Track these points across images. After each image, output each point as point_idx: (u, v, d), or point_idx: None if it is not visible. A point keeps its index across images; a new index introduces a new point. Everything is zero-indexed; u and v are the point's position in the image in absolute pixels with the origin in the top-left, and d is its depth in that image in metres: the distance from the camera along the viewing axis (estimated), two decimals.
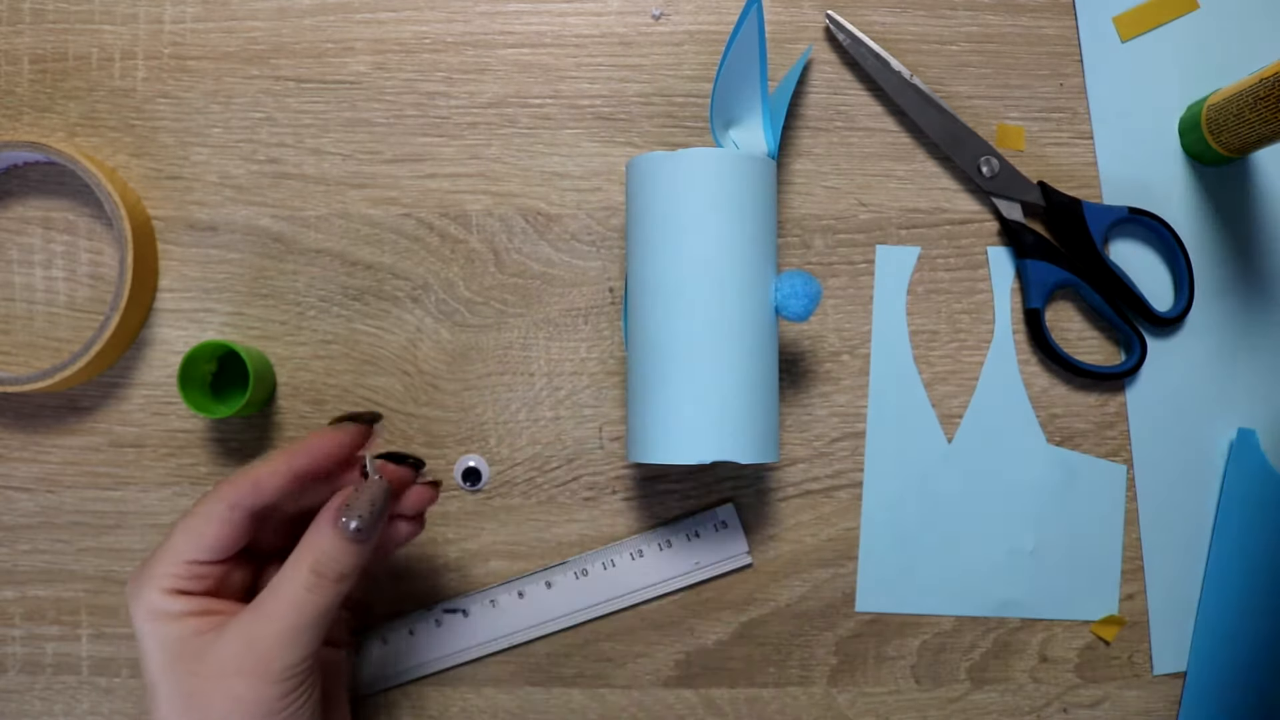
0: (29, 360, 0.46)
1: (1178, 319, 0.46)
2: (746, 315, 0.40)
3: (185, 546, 0.36)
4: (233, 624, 0.35)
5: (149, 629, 0.35)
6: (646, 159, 0.40)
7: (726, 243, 0.39)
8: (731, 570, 0.46)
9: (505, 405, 0.46)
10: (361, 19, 0.47)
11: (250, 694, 0.35)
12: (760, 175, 0.40)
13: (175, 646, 0.35)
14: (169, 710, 0.35)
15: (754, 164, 0.40)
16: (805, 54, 0.45)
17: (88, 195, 0.46)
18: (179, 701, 0.35)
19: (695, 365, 0.39)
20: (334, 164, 0.46)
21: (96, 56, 0.47)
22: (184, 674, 0.35)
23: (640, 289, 0.41)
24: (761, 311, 0.40)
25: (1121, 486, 0.46)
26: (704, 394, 0.39)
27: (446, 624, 0.45)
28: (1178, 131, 0.47)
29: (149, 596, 0.36)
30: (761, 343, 0.40)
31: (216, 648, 0.35)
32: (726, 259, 0.39)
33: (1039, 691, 0.46)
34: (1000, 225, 0.47)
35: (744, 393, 0.39)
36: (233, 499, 0.36)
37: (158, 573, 0.36)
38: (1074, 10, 0.48)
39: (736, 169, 0.40)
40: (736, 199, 0.40)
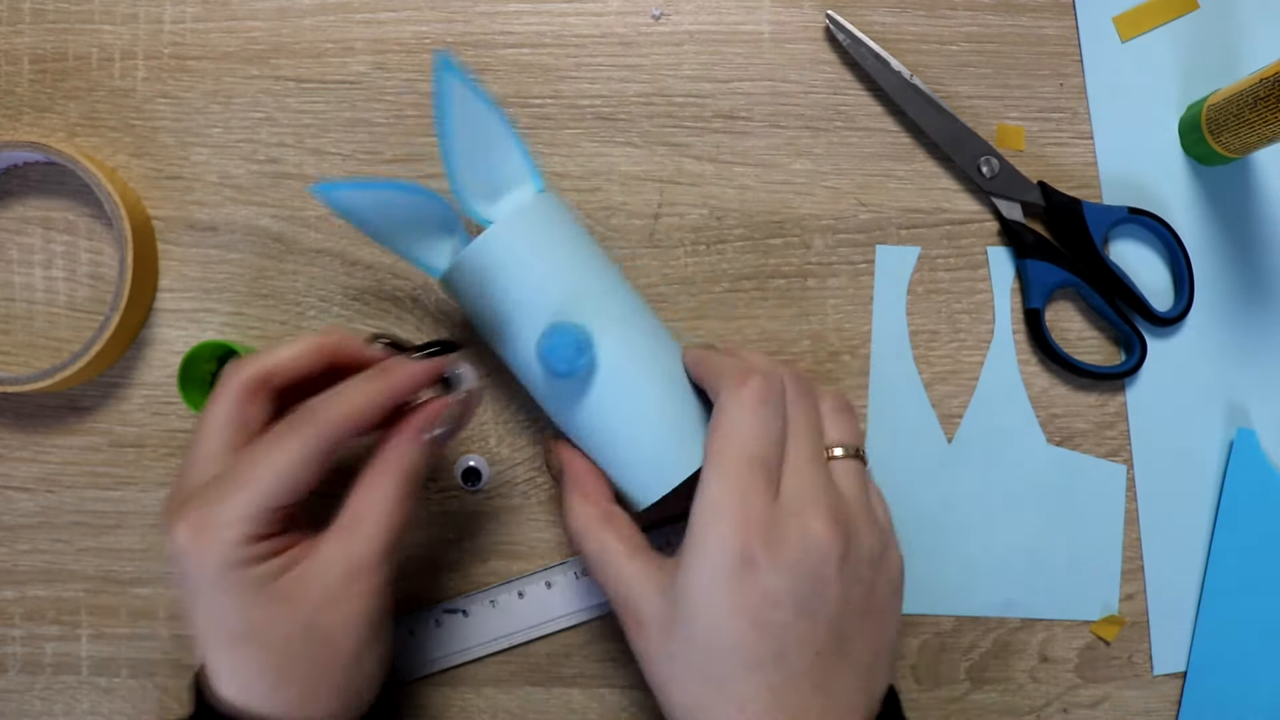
0: (29, 360, 0.46)
1: (1178, 319, 0.46)
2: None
3: (270, 491, 0.34)
4: (325, 551, 0.35)
5: (230, 579, 0.33)
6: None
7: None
8: None
9: (505, 405, 0.46)
10: (361, 19, 0.47)
11: (363, 612, 0.35)
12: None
13: (267, 590, 0.34)
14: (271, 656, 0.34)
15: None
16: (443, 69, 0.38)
17: (88, 195, 0.46)
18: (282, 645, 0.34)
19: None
20: (334, 164, 0.46)
21: (96, 56, 0.47)
22: (281, 615, 0.34)
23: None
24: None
25: (1121, 486, 0.46)
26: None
27: (446, 624, 0.45)
28: (1178, 131, 0.47)
29: (224, 551, 0.33)
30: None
31: (314, 578, 0.34)
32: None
33: (1039, 691, 0.46)
34: (1000, 225, 0.47)
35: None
36: (333, 438, 0.34)
37: (232, 520, 0.33)
38: (1074, 10, 0.48)
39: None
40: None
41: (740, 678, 0.33)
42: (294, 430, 0.34)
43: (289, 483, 0.34)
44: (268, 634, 0.34)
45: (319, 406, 0.35)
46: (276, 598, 0.34)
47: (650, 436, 0.38)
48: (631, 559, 0.37)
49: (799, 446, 0.36)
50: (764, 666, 0.33)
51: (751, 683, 0.33)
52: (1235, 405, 0.47)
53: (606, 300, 0.39)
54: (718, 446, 0.35)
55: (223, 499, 0.34)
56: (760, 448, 0.34)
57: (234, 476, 0.34)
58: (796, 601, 0.33)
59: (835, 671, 0.34)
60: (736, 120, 0.47)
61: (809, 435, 0.36)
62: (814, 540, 0.34)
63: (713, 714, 0.34)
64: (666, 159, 0.47)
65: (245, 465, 0.34)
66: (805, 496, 0.35)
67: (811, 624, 0.34)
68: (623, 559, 0.37)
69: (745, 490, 0.34)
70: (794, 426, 0.36)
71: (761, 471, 0.34)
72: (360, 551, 0.35)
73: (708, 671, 0.34)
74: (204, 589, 0.34)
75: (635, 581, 0.36)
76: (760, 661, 0.33)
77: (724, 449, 0.34)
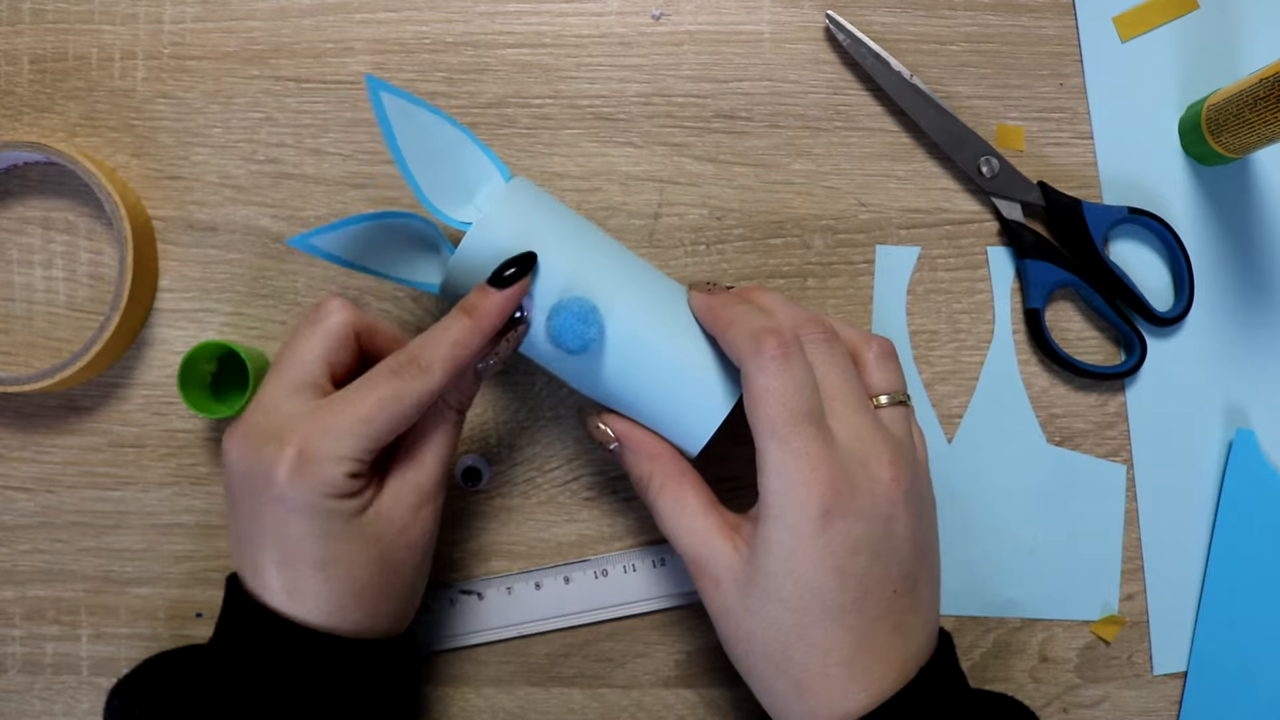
0: (29, 360, 0.46)
1: (1178, 319, 0.46)
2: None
3: (380, 432, 0.36)
4: (396, 485, 0.37)
5: (328, 509, 0.35)
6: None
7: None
8: None
9: (505, 405, 0.46)
10: (361, 19, 0.47)
11: (426, 535, 0.38)
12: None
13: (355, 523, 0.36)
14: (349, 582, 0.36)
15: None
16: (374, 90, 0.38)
17: (88, 195, 0.46)
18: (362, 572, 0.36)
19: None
20: (334, 164, 0.46)
21: (96, 56, 0.47)
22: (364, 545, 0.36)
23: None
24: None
25: (1121, 486, 0.46)
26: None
27: (461, 604, 0.45)
28: (1178, 131, 0.47)
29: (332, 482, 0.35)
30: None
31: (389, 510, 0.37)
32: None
33: (1039, 691, 0.46)
34: (1000, 225, 0.47)
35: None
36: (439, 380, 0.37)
37: (344, 455, 0.35)
38: (1074, 10, 0.48)
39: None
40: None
41: (824, 626, 0.34)
42: (402, 372, 0.36)
43: (396, 423, 0.36)
44: (350, 561, 0.36)
45: (421, 350, 0.37)
46: (362, 529, 0.36)
47: (682, 387, 0.39)
48: (707, 516, 0.37)
49: (838, 397, 0.36)
50: (847, 612, 0.34)
51: (835, 629, 0.34)
52: (1235, 405, 0.47)
53: (604, 266, 0.39)
54: (764, 414, 0.35)
55: (337, 433, 0.35)
56: (801, 401, 0.35)
57: (347, 411, 0.36)
58: (872, 545, 0.34)
59: (908, 611, 0.36)
60: (736, 120, 0.47)
61: (844, 384, 0.36)
62: (881, 485, 0.35)
63: (799, 664, 0.35)
64: (666, 159, 0.47)
65: (356, 405, 0.36)
66: (862, 444, 0.35)
67: (886, 566, 0.35)
68: (699, 516, 0.37)
69: (804, 447, 0.34)
70: (825, 380, 0.36)
71: (811, 424, 0.35)
72: (425, 481, 0.38)
73: (792, 623, 0.35)
74: (297, 514, 0.35)
75: (711, 539, 0.37)
76: (844, 608, 0.34)
77: (771, 415, 0.35)
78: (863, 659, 0.34)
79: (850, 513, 0.34)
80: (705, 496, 0.38)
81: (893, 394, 0.38)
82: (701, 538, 0.37)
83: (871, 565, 0.34)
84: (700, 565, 0.37)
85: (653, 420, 0.40)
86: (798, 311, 0.38)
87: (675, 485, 0.38)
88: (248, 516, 0.36)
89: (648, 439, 0.40)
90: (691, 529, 0.37)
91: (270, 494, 0.35)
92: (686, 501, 0.38)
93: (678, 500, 0.38)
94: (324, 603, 0.36)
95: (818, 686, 0.35)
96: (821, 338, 0.37)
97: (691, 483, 0.38)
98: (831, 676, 0.34)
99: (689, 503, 0.38)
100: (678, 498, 0.38)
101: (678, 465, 0.39)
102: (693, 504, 0.38)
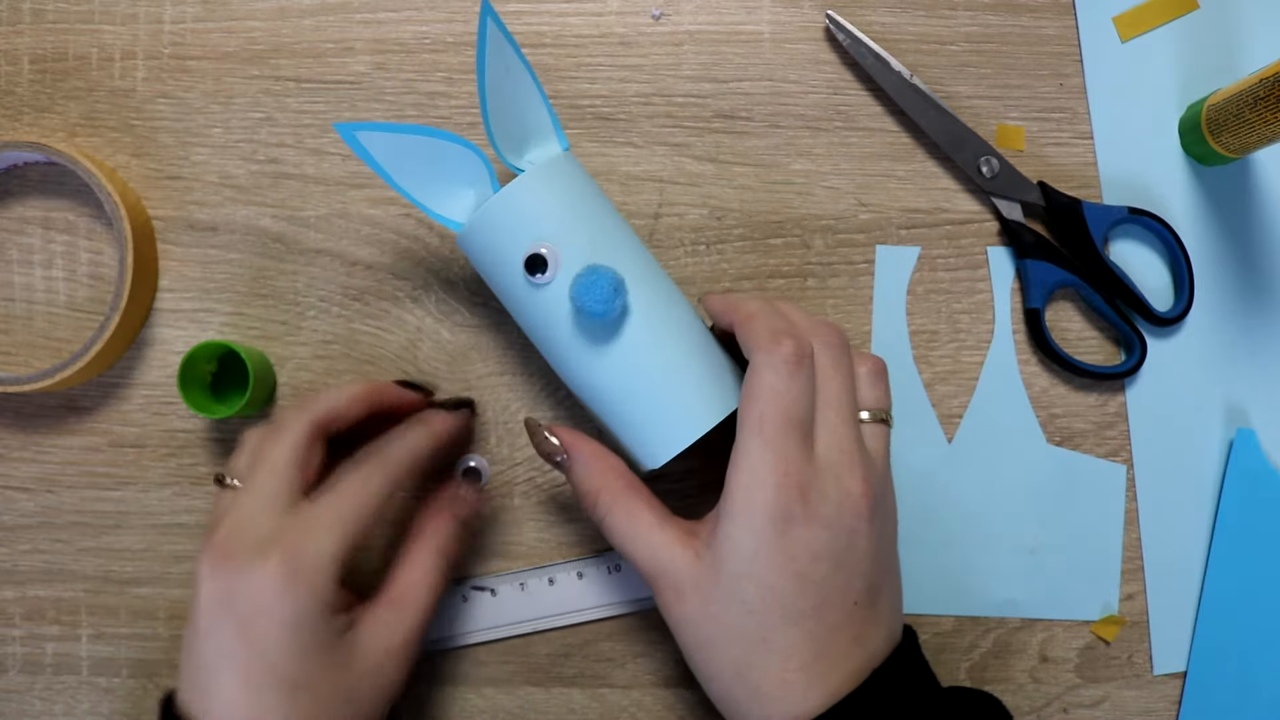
0: (29, 360, 0.46)
1: (1178, 319, 0.46)
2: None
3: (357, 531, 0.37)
4: (380, 619, 0.38)
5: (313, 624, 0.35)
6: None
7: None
8: None
9: (505, 405, 0.46)
10: (361, 19, 0.47)
11: (397, 683, 0.38)
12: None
13: (332, 645, 0.36)
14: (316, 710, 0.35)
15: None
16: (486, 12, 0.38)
17: (88, 195, 0.46)
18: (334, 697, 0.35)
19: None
20: (334, 164, 0.46)
21: (96, 56, 0.47)
22: (336, 672, 0.36)
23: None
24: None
25: (1121, 486, 0.46)
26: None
27: (473, 600, 0.45)
28: (1178, 131, 0.47)
29: (318, 592, 0.35)
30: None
31: (368, 643, 0.37)
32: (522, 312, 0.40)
33: (1039, 691, 0.46)
34: (1000, 225, 0.47)
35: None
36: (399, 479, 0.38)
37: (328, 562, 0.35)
38: (1074, 10, 0.48)
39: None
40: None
41: (784, 632, 0.34)
42: (369, 474, 0.38)
43: (370, 524, 0.37)
44: (323, 687, 0.35)
45: (385, 453, 0.39)
46: (340, 652, 0.36)
47: (675, 386, 0.39)
48: (663, 528, 0.37)
49: (833, 406, 0.36)
50: (806, 619, 0.34)
51: (795, 635, 0.34)
52: (1235, 405, 0.47)
53: (628, 256, 0.39)
54: (757, 411, 0.35)
55: (322, 535, 0.36)
56: (797, 409, 0.35)
57: (326, 514, 0.36)
58: (835, 556, 0.35)
59: (869, 623, 0.36)
60: (736, 120, 0.47)
61: (842, 396, 0.37)
62: (850, 498, 0.35)
63: (758, 669, 0.35)
64: (666, 159, 0.47)
65: (334, 506, 0.37)
66: (842, 456, 0.36)
67: (848, 577, 0.35)
68: (654, 529, 0.37)
69: (784, 451, 0.34)
70: (826, 386, 0.37)
71: (798, 432, 0.35)
72: (409, 624, 0.38)
73: (752, 629, 0.35)
74: (279, 626, 0.34)
75: (669, 548, 0.36)
76: (803, 614, 0.34)
77: (763, 413, 0.35)
78: (821, 666, 0.34)
79: (815, 520, 0.34)
80: (658, 510, 0.38)
81: (877, 411, 0.38)
82: (659, 550, 0.36)
83: (833, 575, 0.35)
84: (660, 577, 0.36)
85: (629, 423, 0.39)
86: (815, 319, 0.39)
87: (626, 500, 0.38)
88: (218, 637, 0.35)
89: (597, 452, 0.39)
90: (648, 543, 0.37)
91: (254, 605, 0.34)
92: (639, 515, 0.37)
93: (630, 515, 0.37)
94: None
95: (776, 692, 0.34)
96: (835, 344, 0.37)
97: (643, 497, 0.38)
98: (790, 682, 0.34)
99: (642, 516, 0.37)
100: (630, 512, 0.37)
101: (627, 479, 0.38)
102: (646, 518, 0.37)
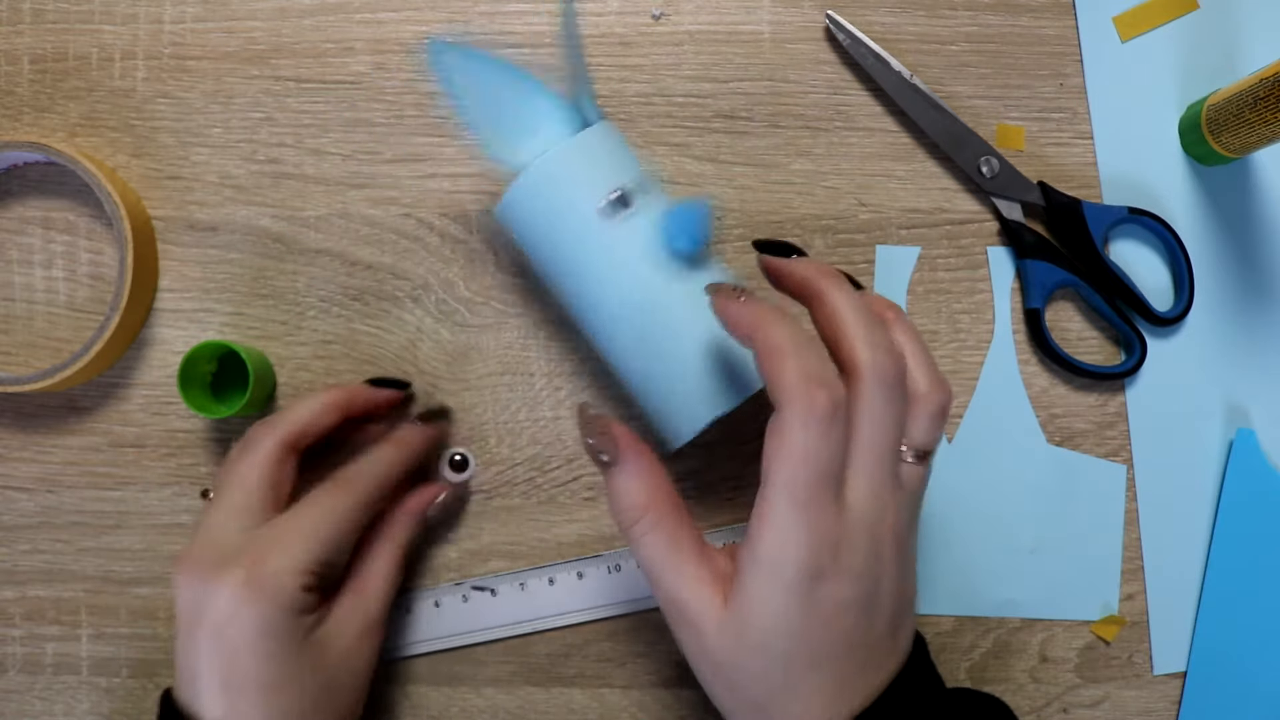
0: (29, 360, 0.46)
1: (1178, 319, 0.46)
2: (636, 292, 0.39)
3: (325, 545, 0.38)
4: (344, 610, 0.40)
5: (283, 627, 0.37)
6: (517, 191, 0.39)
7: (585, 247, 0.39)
8: None
9: (505, 405, 0.46)
10: (361, 19, 0.47)
11: (370, 663, 0.40)
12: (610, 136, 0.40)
13: (305, 642, 0.37)
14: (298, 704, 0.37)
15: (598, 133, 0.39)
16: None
17: (88, 195, 0.46)
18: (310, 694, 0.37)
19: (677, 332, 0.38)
20: (334, 164, 0.46)
21: (96, 56, 0.47)
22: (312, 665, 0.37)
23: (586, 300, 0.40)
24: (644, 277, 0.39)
25: (1121, 486, 0.46)
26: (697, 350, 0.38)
27: (473, 600, 0.45)
28: (1178, 131, 0.47)
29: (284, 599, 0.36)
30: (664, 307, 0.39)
31: (337, 634, 0.39)
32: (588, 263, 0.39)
33: (1039, 691, 0.46)
34: (1000, 225, 0.47)
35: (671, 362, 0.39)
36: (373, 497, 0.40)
37: (294, 569, 0.37)
38: (1074, 10, 0.48)
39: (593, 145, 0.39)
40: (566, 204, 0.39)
41: (808, 677, 0.34)
42: (339, 492, 0.39)
43: (339, 538, 0.39)
44: (295, 687, 0.37)
45: (356, 473, 0.40)
46: (311, 649, 0.38)
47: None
48: (700, 564, 0.35)
49: (874, 452, 0.34)
50: (832, 661, 0.34)
51: (819, 678, 0.34)
52: (1235, 405, 0.47)
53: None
54: (788, 471, 0.32)
55: (285, 550, 0.37)
56: (830, 467, 0.33)
57: (292, 529, 0.38)
58: (862, 602, 0.34)
59: (888, 652, 0.35)
60: (736, 120, 0.47)
61: (886, 443, 0.34)
62: (884, 547, 0.34)
63: (780, 708, 0.34)
64: (666, 159, 0.47)
65: (300, 521, 0.38)
66: (875, 504, 0.34)
67: (872, 619, 0.34)
68: (693, 563, 0.35)
69: (817, 512, 0.33)
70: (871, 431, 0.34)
71: (830, 489, 0.33)
72: (372, 609, 0.41)
73: (776, 675, 0.34)
74: (247, 637, 0.36)
75: (703, 589, 0.35)
76: (829, 658, 0.34)
77: (794, 474, 0.32)
78: (842, 696, 0.34)
79: (845, 574, 0.33)
80: (698, 540, 0.36)
81: (924, 450, 0.36)
82: (692, 586, 0.35)
83: (859, 620, 0.34)
84: (684, 612, 0.35)
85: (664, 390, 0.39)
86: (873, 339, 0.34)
87: (673, 524, 0.35)
88: (195, 643, 0.36)
89: (653, 464, 0.36)
90: (682, 575, 0.35)
91: (222, 616, 0.36)
92: (683, 544, 0.35)
93: (674, 541, 0.35)
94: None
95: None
96: (890, 380, 0.34)
97: (688, 523, 0.36)
98: (812, 714, 0.34)
99: (685, 546, 0.35)
100: (675, 539, 0.35)
101: (675, 501, 0.36)
102: (688, 548, 0.35)
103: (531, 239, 0.40)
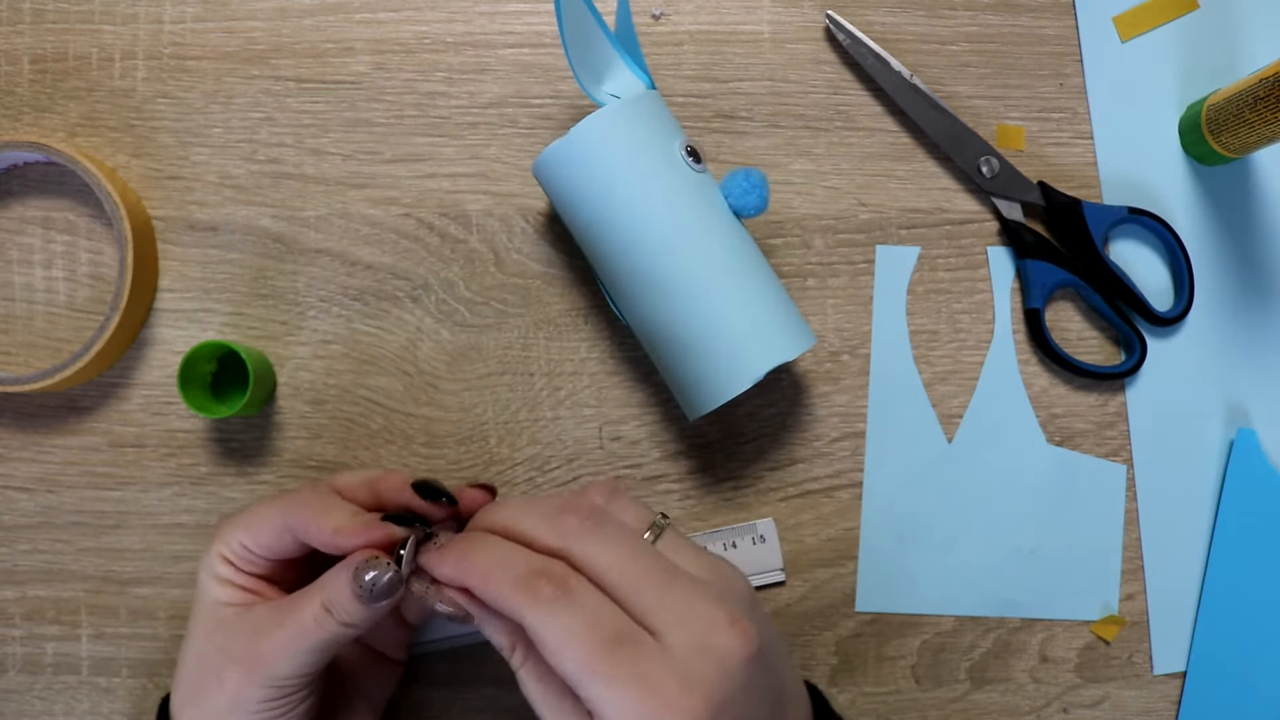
0: (29, 360, 0.46)
1: (1178, 319, 0.46)
2: (719, 233, 0.40)
3: (246, 530, 0.37)
4: (254, 612, 0.36)
5: (202, 580, 0.38)
6: (553, 151, 0.40)
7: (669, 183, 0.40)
8: (762, 586, 0.45)
9: (505, 405, 0.46)
10: (361, 19, 0.47)
11: (233, 684, 0.35)
12: (656, 108, 0.41)
13: (210, 609, 0.37)
14: (188, 659, 0.37)
15: (644, 103, 0.40)
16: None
17: (88, 195, 0.46)
18: (193, 660, 0.37)
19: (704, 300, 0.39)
20: (334, 164, 0.46)
21: (96, 56, 0.47)
22: (204, 635, 0.37)
23: (616, 263, 0.41)
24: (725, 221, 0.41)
25: (1121, 486, 0.46)
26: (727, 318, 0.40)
27: None
28: (1178, 131, 0.47)
29: (211, 556, 0.37)
30: (742, 247, 0.41)
31: (234, 627, 0.36)
32: (677, 196, 0.40)
33: (1039, 691, 0.46)
34: (1000, 225, 0.47)
35: (757, 296, 0.40)
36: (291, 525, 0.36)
37: (224, 537, 0.37)
38: (1074, 10, 0.48)
39: (635, 115, 0.40)
40: (650, 140, 0.40)
41: None
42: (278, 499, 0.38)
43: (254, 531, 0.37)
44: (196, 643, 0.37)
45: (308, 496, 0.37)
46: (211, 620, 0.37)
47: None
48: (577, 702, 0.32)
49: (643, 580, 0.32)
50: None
51: None
52: (1235, 405, 0.47)
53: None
54: (573, 659, 0.31)
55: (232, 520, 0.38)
56: (606, 627, 0.31)
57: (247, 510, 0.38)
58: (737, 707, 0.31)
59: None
60: (736, 120, 0.47)
61: (637, 561, 0.33)
62: (733, 658, 0.31)
63: None
64: None
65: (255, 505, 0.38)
66: (696, 620, 0.32)
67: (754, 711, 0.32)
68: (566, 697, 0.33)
69: (633, 672, 0.30)
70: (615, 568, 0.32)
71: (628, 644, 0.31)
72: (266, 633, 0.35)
73: None
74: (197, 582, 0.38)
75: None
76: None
77: (580, 657, 0.30)
78: None
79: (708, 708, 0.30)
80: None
81: (653, 525, 0.34)
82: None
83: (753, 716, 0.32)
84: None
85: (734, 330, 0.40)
86: (545, 506, 0.34)
87: (539, 660, 0.33)
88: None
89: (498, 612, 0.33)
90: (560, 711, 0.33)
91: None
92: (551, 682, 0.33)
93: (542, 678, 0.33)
94: None
95: None
96: (588, 525, 0.33)
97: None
98: None
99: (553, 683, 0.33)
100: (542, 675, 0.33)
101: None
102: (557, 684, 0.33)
103: (602, 172, 0.40)
